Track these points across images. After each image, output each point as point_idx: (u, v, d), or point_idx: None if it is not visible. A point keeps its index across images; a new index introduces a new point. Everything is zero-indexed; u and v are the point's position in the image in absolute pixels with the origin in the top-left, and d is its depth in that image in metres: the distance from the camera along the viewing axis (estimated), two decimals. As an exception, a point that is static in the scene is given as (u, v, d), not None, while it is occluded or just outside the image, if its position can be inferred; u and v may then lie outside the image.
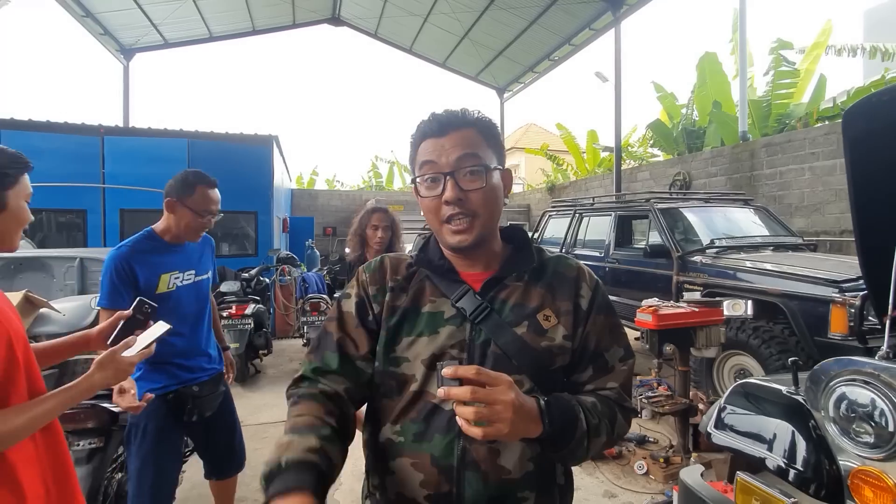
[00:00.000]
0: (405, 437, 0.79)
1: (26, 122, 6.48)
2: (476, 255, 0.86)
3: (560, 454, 0.76)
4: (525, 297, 0.83)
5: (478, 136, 0.82)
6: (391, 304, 0.85)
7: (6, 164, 1.01)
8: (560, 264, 0.89)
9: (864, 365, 1.26)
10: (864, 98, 1.49)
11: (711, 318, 2.92)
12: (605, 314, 0.86)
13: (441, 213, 0.81)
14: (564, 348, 0.82)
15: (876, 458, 1.22)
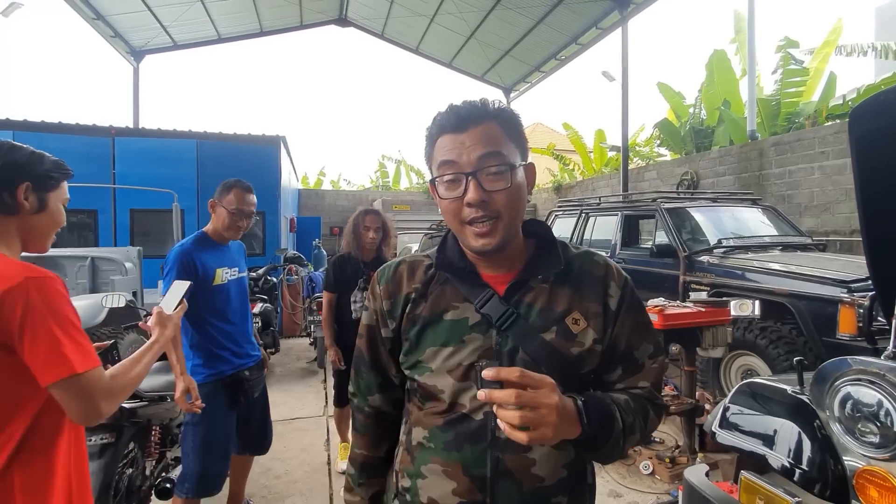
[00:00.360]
0: (435, 443, 0.79)
1: (39, 123, 6.59)
2: (499, 257, 0.81)
3: (597, 454, 0.75)
4: (552, 299, 0.80)
5: (499, 130, 0.77)
6: (411, 315, 0.83)
7: (51, 169, 1.10)
8: (587, 262, 0.84)
9: (869, 364, 1.26)
10: (870, 96, 1.48)
11: (718, 318, 2.91)
12: (636, 313, 0.83)
13: (462, 215, 0.77)
14: (594, 352, 0.79)
15: (881, 457, 1.21)
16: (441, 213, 0.81)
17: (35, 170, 1.05)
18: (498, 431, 0.73)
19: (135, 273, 4.07)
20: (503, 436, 0.70)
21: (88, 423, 0.99)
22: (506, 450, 0.74)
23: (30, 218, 1.05)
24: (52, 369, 0.90)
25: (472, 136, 0.75)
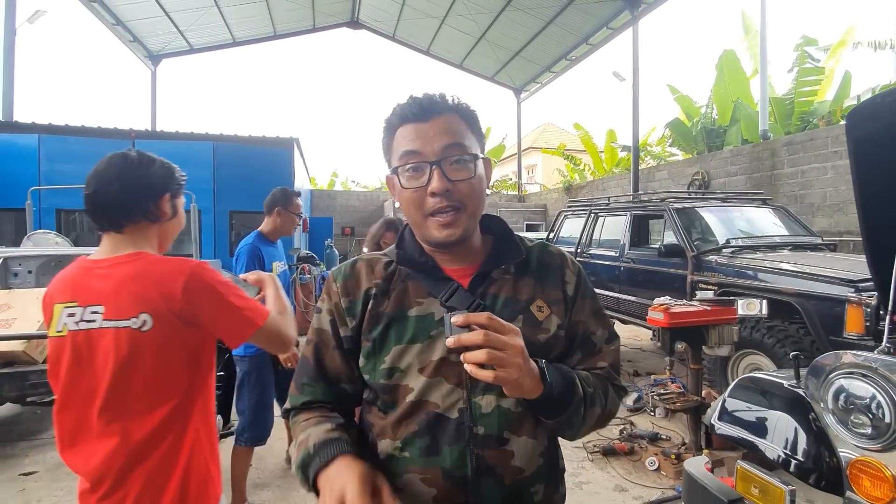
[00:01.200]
0: (410, 451, 0.75)
1: (63, 127, 6.82)
2: (460, 250, 0.81)
3: (558, 420, 0.73)
4: (516, 289, 0.80)
5: (461, 122, 0.77)
6: (374, 312, 0.79)
7: (178, 178, 1.19)
8: (544, 252, 0.86)
9: (862, 358, 1.30)
10: (868, 100, 1.52)
11: (724, 316, 2.93)
12: (591, 298, 0.86)
13: (425, 206, 0.75)
14: (559, 338, 0.80)
15: (874, 448, 1.26)
16: (401, 205, 0.80)
17: (172, 181, 1.17)
18: (476, 428, 0.73)
19: (155, 271, 4.21)
20: (481, 432, 0.73)
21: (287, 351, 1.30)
22: (485, 446, 0.73)
23: (167, 224, 1.18)
24: (242, 331, 1.09)
25: (436, 125, 0.75)
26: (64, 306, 1.05)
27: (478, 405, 0.73)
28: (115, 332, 1.02)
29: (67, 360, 1.04)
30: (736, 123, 8.73)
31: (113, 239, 1.11)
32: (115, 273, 1.05)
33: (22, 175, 6.28)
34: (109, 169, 1.09)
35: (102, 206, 1.09)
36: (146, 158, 1.14)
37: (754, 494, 1.38)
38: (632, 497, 2.61)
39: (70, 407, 1.05)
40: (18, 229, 6.69)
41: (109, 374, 1.03)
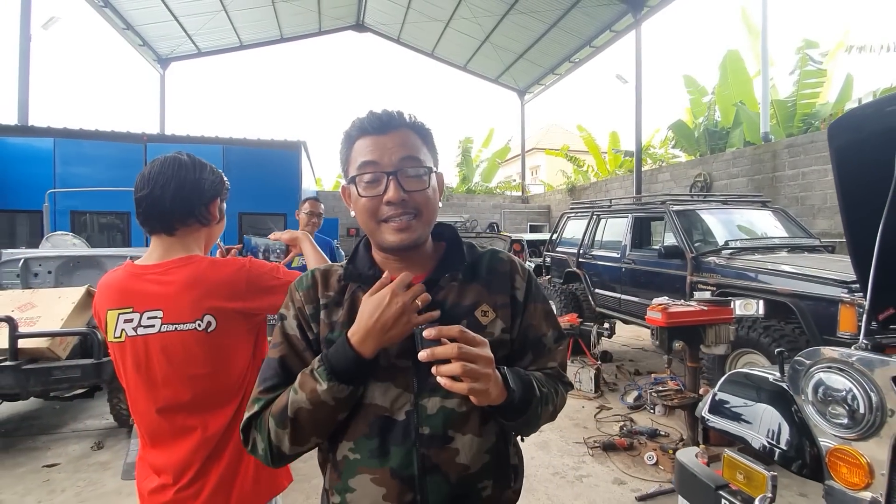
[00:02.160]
0: (361, 453, 0.78)
1: (77, 131, 6.99)
2: (410, 258, 0.84)
3: (518, 422, 0.77)
4: (461, 295, 0.82)
5: (417, 137, 0.81)
6: (327, 321, 0.82)
7: (226, 184, 1.23)
8: (493, 259, 0.89)
9: (839, 354, 1.40)
10: (848, 112, 1.62)
11: (720, 316, 3.02)
12: (541, 303, 0.89)
13: (380, 213, 0.78)
14: (504, 341, 0.82)
15: (850, 437, 1.35)
16: (356, 213, 0.82)
17: (222, 186, 1.19)
18: (422, 428, 0.76)
19: (169, 272, 4.35)
20: (427, 432, 0.76)
21: None
22: (430, 445, 0.76)
23: (214, 227, 1.20)
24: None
25: (393, 138, 0.78)
26: (119, 312, 1.06)
27: (423, 407, 0.77)
28: (178, 336, 1.04)
29: (131, 365, 1.06)
30: (739, 126, 8.79)
31: (164, 242, 1.12)
32: (172, 278, 1.07)
33: (38, 178, 6.45)
34: (164, 172, 1.09)
35: (156, 209, 1.09)
36: (199, 163, 1.15)
37: (739, 480, 1.48)
38: (630, 490, 2.70)
39: (141, 408, 1.09)
40: (33, 230, 6.87)
41: (176, 375, 1.06)
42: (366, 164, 0.78)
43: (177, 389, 1.06)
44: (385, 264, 0.85)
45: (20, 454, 3.21)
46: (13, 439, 3.46)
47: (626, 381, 4.60)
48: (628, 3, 9.35)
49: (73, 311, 3.16)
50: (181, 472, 1.06)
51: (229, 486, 1.08)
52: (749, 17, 9.44)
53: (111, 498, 2.65)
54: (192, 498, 1.06)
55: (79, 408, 4.03)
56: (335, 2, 12.23)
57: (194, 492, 1.06)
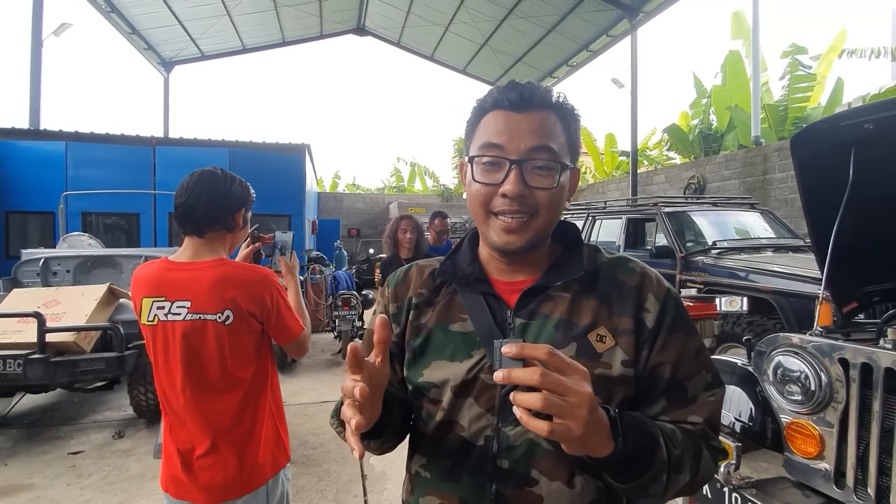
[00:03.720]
0: (432, 472, 0.70)
1: (88, 134, 7.19)
2: (522, 260, 0.72)
3: (631, 486, 0.59)
4: (573, 311, 0.68)
5: (558, 123, 0.68)
6: (414, 323, 0.74)
7: (252, 195, 1.39)
8: (619, 269, 0.72)
9: (796, 339, 1.60)
10: (808, 126, 1.82)
11: (705, 312, 3.23)
12: (684, 332, 0.69)
13: (492, 204, 0.67)
14: (625, 377, 0.65)
15: (804, 412, 1.55)
16: (468, 198, 0.72)
17: (248, 197, 1.36)
18: (500, 460, 0.65)
19: (181, 271, 4.54)
20: (506, 465, 0.65)
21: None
22: (508, 482, 0.65)
23: (237, 233, 1.38)
24: (288, 337, 1.36)
25: (529, 120, 0.66)
26: (153, 300, 1.24)
27: (506, 435, 0.65)
28: (201, 324, 1.22)
29: (160, 346, 1.25)
30: (733, 129, 9.01)
31: (194, 242, 1.30)
32: (204, 275, 1.25)
33: (50, 180, 6.65)
34: (200, 183, 1.28)
35: (191, 215, 1.28)
36: (228, 176, 1.33)
37: (710, 452, 1.67)
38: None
39: (160, 383, 1.28)
40: (45, 231, 7.06)
41: (196, 357, 1.23)
42: (489, 146, 0.67)
43: (195, 370, 1.24)
44: (490, 263, 0.75)
45: (45, 443, 3.39)
46: (37, 429, 3.64)
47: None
48: (624, 9, 9.56)
49: (96, 307, 3.35)
50: (198, 444, 1.24)
51: (239, 459, 1.27)
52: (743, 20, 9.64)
53: (136, 481, 2.84)
54: (207, 468, 1.25)
55: (97, 400, 4.22)
56: (336, 6, 12.43)
57: (210, 462, 1.25)
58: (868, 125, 1.65)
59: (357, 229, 14.04)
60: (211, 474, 1.24)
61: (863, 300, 2.14)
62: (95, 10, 9.47)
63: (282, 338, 1.36)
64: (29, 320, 3.11)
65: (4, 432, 3.57)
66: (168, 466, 1.29)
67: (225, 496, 1.25)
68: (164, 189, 6.91)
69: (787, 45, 8.29)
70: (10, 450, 3.29)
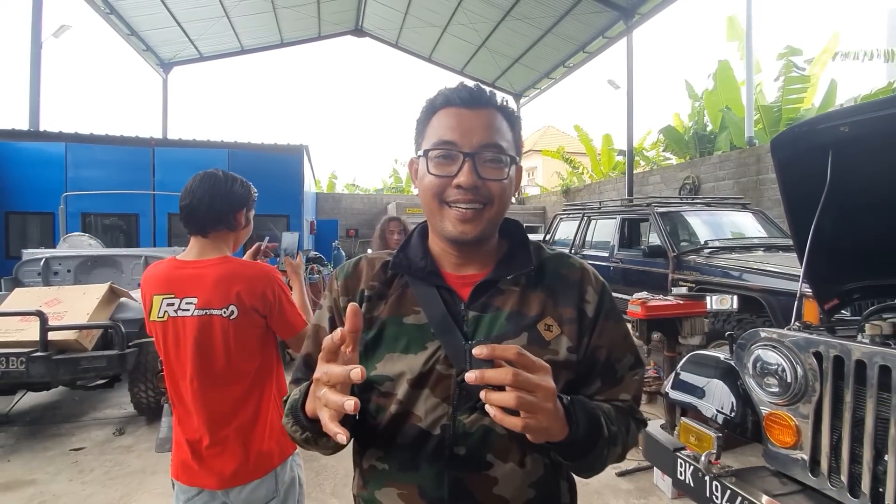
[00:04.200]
0: (390, 464, 0.72)
1: (88, 135, 7.23)
2: (472, 253, 0.76)
3: (578, 463, 0.66)
4: (523, 303, 0.72)
5: (504, 123, 0.72)
6: (367, 316, 0.74)
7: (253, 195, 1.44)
8: (562, 265, 0.78)
9: (773, 333, 1.67)
10: (787, 129, 1.88)
11: (695, 309, 3.30)
12: (615, 320, 0.77)
13: (446, 194, 0.70)
14: (570, 362, 0.71)
15: (781, 403, 1.62)
16: (420, 192, 0.74)
17: (249, 198, 1.42)
18: (457, 448, 0.68)
19: (181, 270, 4.60)
20: (462, 452, 0.68)
21: None
22: (464, 468, 0.68)
23: (241, 232, 1.44)
24: (291, 331, 1.40)
25: (479, 116, 0.70)
26: (163, 297, 1.30)
27: (462, 423, 0.68)
28: (207, 319, 1.29)
29: (171, 341, 1.31)
30: (726, 130, 9.09)
31: (199, 242, 1.36)
32: (210, 272, 1.31)
33: (50, 181, 6.69)
34: (202, 185, 1.35)
35: (195, 215, 1.34)
36: (230, 177, 1.39)
37: (692, 442, 1.74)
38: (611, 467, 2.96)
39: (172, 376, 1.33)
40: (44, 231, 7.11)
41: (204, 350, 1.29)
42: (443, 143, 0.70)
43: (202, 363, 1.30)
44: (441, 256, 0.77)
45: (47, 440, 3.45)
46: (39, 427, 3.69)
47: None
48: (620, 11, 9.63)
49: (97, 306, 3.41)
50: (206, 433, 1.30)
51: (246, 447, 1.33)
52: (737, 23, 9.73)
53: (137, 476, 2.90)
54: (216, 455, 1.31)
55: (98, 398, 4.27)
56: (335, 7, 12.49)
57: (218, 450, 1.31)
58: (844, 128, 1.72)
59: (355, 230, 14.09)
60: (220, 462, 1.30)
61: (843, 297, 2.21)
62: (94, 11, 9.51)
63: (285, 332, 1.40)
64: (31, 319, 3.16)
65: (6, 430, 3.63)
66: (178, 455, 1.34)
67: (234, 482, 1.31)
68: (163, 190, 6.96)
69: (783, 47, 8.35)
70: (13, 447, 3.34)
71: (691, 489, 1.70)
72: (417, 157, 0.75)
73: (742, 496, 1.53)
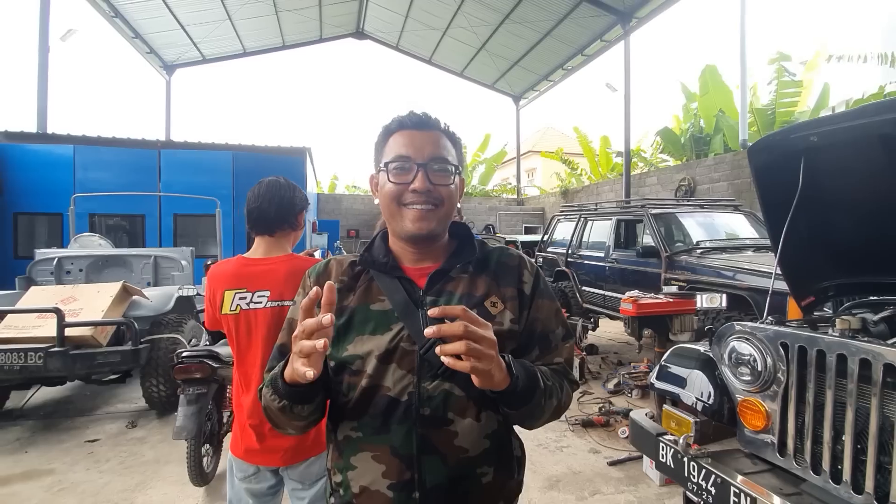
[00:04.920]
0: (364, 431, 0.81)
1: (96, 138, 7.37)
2: (426, 249, 0.89)
3: (520, 412, 0.78)
4: (471, 286, 0.86)
5: (448, 142, 0.87)
6: (338, 306, 0.84)
7: (307, 199, 1.60)
8: (503, 255, 0.93)
9: (747, 326, 1.81)
10: (762, 137, 2.03)
11: (684, 307, 3.45)
12: (548, 299, 0.91)
13: (403, 198, 0.83)
14: (513, 332, 0.85)
15: (753, 390, 1.76)
16: (381, 199, 0.86)
17: (305, 201, 1.58)
18: (422, 409, 0.78)
19: (188, 270, 4.73)
20: (427, 413, 0.78)
21: None
22: (429, 426, 0.78)
23: (297, 232, 1.59)
24: None
25: (428, 136, 0.84)
26: (235, 292, 1.44)
27: (426, 389, 0.79)
28: (280, 310, 1.42)
29: (244, 331, 1.44)
30: (720, 132, 9.24)
31: (266, 241, 1.51)
32: (280, 267, 1.46)
33: (58, 182, 6.83)
34: (269, 191, 1.50)
35: (264, 217, 1.49)
36: (291, 184, 1.56)
37: (673, 427, 1.89)
38: (603, 457, 3.11)
39: (244, 363, 1.46)
40: (52, 232, 7.25)
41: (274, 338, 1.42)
42: (399, 157, 0.83)
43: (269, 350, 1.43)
44: (401, 253, 0.90)
45: (62, 432, 3.59)
46: (53, 420, 3.84)
47: (609, 370, 5.01)
48: (618, 15, 9.79)
49: (111, 303, 3.56)
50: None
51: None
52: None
53: (152, 466, 3.04)
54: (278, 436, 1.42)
55: (109, 393, 4.41)
56: (336, 10, 12.64)
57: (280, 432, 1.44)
58: (814, 137, 1.86)
59: (356, 230, 14.24)
60: (281, 442, 1.43)
61: (819, 294, 2.35)
62: (100, 14, 9.65)
63: None
64: (48, 316, 3.31)
65: (22, 423, 3.77)
66: (243, 439, 1.47)
67: (294, 459, 1.45)
68: (169, 190, 7.10)
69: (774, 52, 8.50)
70: (29, 439, 3.48)
71: (671, 470, 1.84)
72: (378, 172, 0.88)
73: (716, 474, 1.66)
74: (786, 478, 1.64)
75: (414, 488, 0.78)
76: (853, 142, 1.83)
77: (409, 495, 0.78)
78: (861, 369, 1.44)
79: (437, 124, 0.88)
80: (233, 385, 1.54)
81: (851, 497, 1.44)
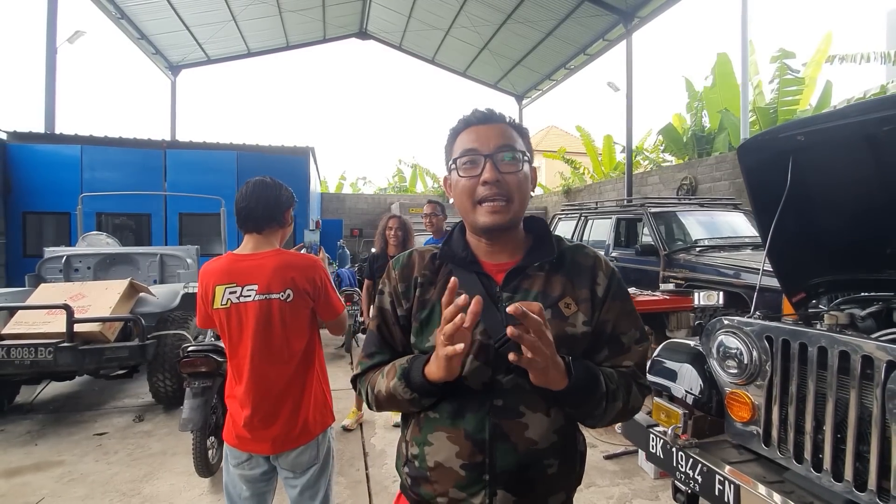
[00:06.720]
0: (441, 414, 0.86)
1: (103, 138, 7.48)
2: (503, 243, 0.91)
3: (580, 411, 0.82)
4: (547, 285, 0.87)
5: (514, 132, 0.89)
6: (421, 298, 0.90)
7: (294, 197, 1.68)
8: (578, 253, 0.92)
9: (733, 321, 1.86)
10: (753, 136, 2.07)
11: (681, 304, 3.49)
12: (621, 300, 0.90)
13: (476, 194, 0.85)
14: (585, 334, 0.86)
15: (740, 382, 1.81)
16: (455, 196, 0.89)
17: (291, 199, 1.66)
18: (496, 400, 0.83)
19: (194, 268, 4.82)
20: (500, 404, 0.83)
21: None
22: (502, 416, 0.83)
23: (286, 228, 1.67)
24: (333, 313, 1.64)
25: (493, 129, 0.87)
26: (225, 287, 1.50)
27: (499, 381, 0.83)
28: (268, 303, 1.50)
29: (235, 325, 1.50)
30: (724, 131, 9.24)
31: (254, 238, 1.58)
32: (268, 262, 1.52)
33: (66, 182, 6.95)
34: (255, 190, 1.58)
35: (251, 216, 1.56)
36: (277, 183, 1.64)
37: (662, 419, 1.94)
38: (599, 451, 3.17)
39: (236, 356, 1.53)
40: (59, 231, 7.36)
41: (264, 330, 1.49)
42: (466, 151, 0.87)
43: (262, 342, 1.52)
44: (478, 247, 0.92)
45: (71, 426, 3.68)
46: (62, 414, 3.93)
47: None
48: (620, 14, 9.79)
49: (119, 300, 3.64)
50: (261, 405, 1.51)
51: (294, 417, 1.54)
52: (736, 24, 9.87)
53: (159, 457, 3.12)
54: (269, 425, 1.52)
55: (116, 388, 4.51)
56: (339, 11, 12.70)
57: (271, 421, 1.52)
58: (801, 137, 1.91)
59: (359, 229, 14.31)
60: (272, 431, 1.51)
61: (809, 291, 2.39)
62: (106, 16, 9.76)
63: (328, 314, 1.63)
64: (57, 312, 3.39)
65: (31, 417, 3.86)
66: (234, 427, 1.54)
67: (284, 447, 1.52)
68: (175, 190, 7.20)
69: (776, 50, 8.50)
70: (39, 432, 3.57)
71: (661, 460, 1.90)
72: (449, 172, 0.92)
73: (703, 464, 1.72)
74: (770, 467, 1.69)
75: (485, 470, 0.83)
76: (839, 141, 1.87)
77: (480, 476, 0.83)
78: (841, 361, 1.49)
79: (502, 117, 0.90)
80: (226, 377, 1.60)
81: (832, 485, 1.49)
